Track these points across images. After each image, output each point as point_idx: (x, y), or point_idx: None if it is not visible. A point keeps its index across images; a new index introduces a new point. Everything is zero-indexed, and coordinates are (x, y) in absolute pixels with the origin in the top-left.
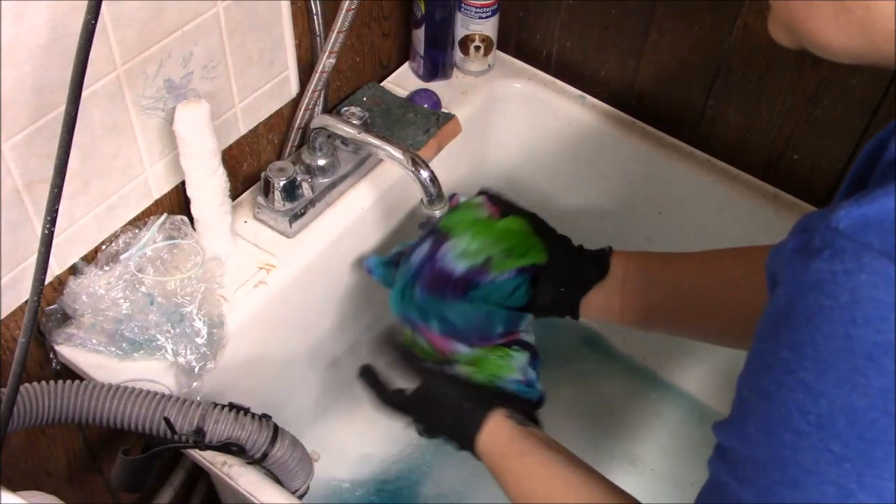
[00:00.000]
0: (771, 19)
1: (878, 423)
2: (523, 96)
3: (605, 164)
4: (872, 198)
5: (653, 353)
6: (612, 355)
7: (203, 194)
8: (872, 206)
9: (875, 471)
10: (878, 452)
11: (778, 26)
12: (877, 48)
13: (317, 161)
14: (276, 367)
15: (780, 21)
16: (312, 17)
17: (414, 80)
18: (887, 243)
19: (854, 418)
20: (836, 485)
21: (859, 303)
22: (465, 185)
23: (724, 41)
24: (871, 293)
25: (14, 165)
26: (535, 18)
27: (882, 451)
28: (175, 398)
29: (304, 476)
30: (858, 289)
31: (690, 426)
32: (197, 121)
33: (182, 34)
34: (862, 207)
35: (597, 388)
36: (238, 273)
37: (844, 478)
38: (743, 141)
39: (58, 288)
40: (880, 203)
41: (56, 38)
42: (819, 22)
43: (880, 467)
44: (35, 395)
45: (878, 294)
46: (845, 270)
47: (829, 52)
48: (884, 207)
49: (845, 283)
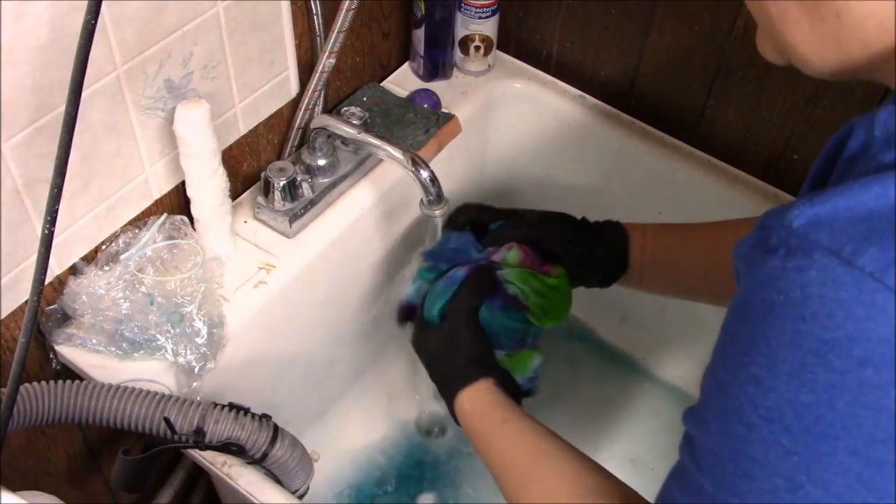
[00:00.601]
0: (758, 36)
1: (824, 419)
2: (523, 96)
3: (605, 164)
4: (826, 197)
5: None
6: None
7: (203, 194)
8: (825, 205)
9: (822, 465)
10: (825, 447)
11: (766, 43)
12: (853, 59)
13: (317, 161)
14: (276, 367)
15: (766, 37)
16: (312, 17)
17: (414, 80)
18: (837, 242)
19: (801, 413)
20: (786, 477)
21: (808, 300)
22: (465, 184)
23: (724, 41)
24: (819, 291)
25: (14, 165)
26: (535, 18)
27: (828, 445)
28: (175, 398)
29: (304, 476)
30: (808, 286)
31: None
32: (197, 121)
33: (182, 34)
34: (815, 207)
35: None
36: (238, 273)
37: (793, 470)
38: (743, 141)
39: (58, 288)
40: (833, 202)
41: (56, 38)
42: (796, 34)
43: (827, 461)
44: (35, 395)
45: (825, 292)
46: (797, 267)
47: (810, 66)
48: (836, 207)
49: (795, 280)
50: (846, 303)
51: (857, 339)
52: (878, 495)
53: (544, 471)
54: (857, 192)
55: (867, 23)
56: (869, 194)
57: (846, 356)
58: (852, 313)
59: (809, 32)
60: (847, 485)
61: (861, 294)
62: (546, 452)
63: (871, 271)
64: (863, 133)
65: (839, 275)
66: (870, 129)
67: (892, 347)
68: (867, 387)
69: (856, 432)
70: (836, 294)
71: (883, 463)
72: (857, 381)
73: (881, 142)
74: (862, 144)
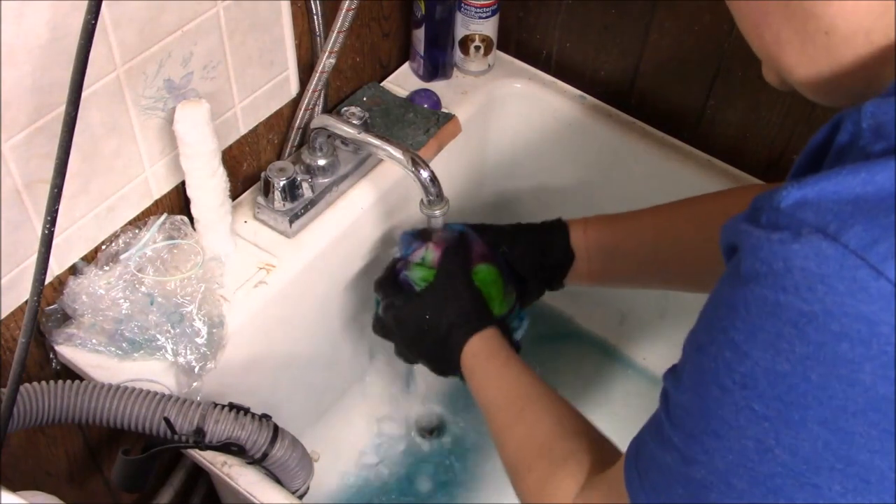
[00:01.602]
0: (763, 66)
1: (797, 389)
2: (523, 96)
3: (605, 164)
4: (814, 180)
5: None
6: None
7: (203, 194)
8: (813, 187)
9: (792, 431)
10: (795, 415)
11: (769, 72)
12: (846, 78)
13: (317, 161)
14: (276, 367)
15: (770, 66)
16: (312, 17)
17: (414, 80)
18: (822, 220)
19: (775, 381)
20: (755, 440)
21: (790, 272)
22: (465, 184)
23: (724, 41)
24: (802, 263)
25: (14, 165)
26: (535, 18)
27: (799, 414)
28: (175, 398)
29: (304, 476)
30: (791, 258)
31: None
32: (197, 121)
33: (182, 34)
34: (803, 189)
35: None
36: (238, 273)
37: (763, 434)
38: (743, 141)
39: (58, 288)
40: (821, 185)
41: (56, 38)
42: (791, 56)
43: (796, 428)
44: (35, 395)
45: (808, 265)
46: (781, 240)
47: (809, 89)
48: (823, 189)
49: (779, 252)
50: (827, 277)
51: (835, 313)
52: (844, 463)
53: (527, 412)
54: (844, 177)
55: (855, 37)
56: (856, 179)
57: (823, 329)
58: (833, 288)
59: (802, 51)
60: (815, 451)
61: (842, 269)
62: (532, 395)
63: (854, 248)
64: (851, 125)
65: (822, 249)
66: (857, 122)
67: (869, 325)
68: (842, 360)
69: (827, 403)
70: (818, 268)
71: (851, 433)
72: (832, 355)
73: (869, 133)
74: (850, 136)
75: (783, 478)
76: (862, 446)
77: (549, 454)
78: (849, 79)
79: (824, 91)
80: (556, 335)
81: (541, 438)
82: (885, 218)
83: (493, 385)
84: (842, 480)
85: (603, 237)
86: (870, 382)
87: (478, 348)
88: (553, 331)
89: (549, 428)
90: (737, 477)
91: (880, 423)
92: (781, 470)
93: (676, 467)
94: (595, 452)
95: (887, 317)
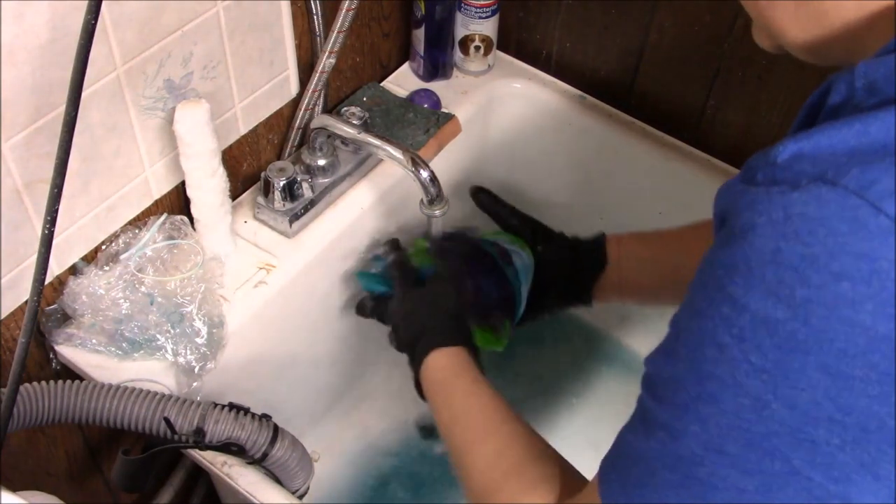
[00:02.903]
0: (754, 29)
1: (796, 335)
2: (523, 96)
3: (605, 164)
4: (809, 135)
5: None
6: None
7: (203, 194)
8: (809, 141)
9: (790, 381)
10: (795, 363)
11: (760, 33)
12: (837, 42)
13: (317, 161)
14: (276, 367)
15: (760, 27)
16: (312, 17)
17: (414, 80)
18: (820, 170)
19: (775, 329)
20: (752, 397)
21: (790, 218)
22: (464, 184)
23: (724, 41)
24: (802, 209)
25: (14, 165)
26: (535, 18)
27: (798, 361)
28: (175, 398)
29: (304, 476)
30: (790, 205)
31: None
32: (197, 121)
33: (182, 34)
34: (799, 143)
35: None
36: (238, 273)
37: (760, 388)
38: (743, 141)
39: (58, 288)
40: (815, 139)
41: (56, 38)
42: (784, 19)
43: (795, 378)
44: (35, 395)
45: (807, 210)
46: (780, 192)
47: (800, 51)
48: (819, 143)
49: (778, 202)
50: (827, 219)
51: (836, 253)
52: (844, 412)
53: (495, 433)
54: (839, 130)
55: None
56: (851, 131)
57: (824, 270)
58: (833, 228)
59: (795, 17)
60: (814, 401)
61: (843, 210)
62: (506, 416)
63: (854, 188)
64: (844, 86)
65: (822, 193)
66: (851, 83)
67: (869, 262)
68: (842, 300)
69: (828, 347)
70: (817, 211)
71: (851, 378)
72: (833, 295)
73: (863, 91)
74: (844, 97)
75: (779, 436)
76: (861, 392)
77: (520, 476)
78: (840, 41)
79: (816, 53)
80: (557, 334)
81: (512, 459)
82: (881, 162)
83: (459, 402)
84: (840, 432)
85: (635, 249)
86: (870, 322)
87: (446, 362)
88: (553, 329)
89: (520, 450)
90: (731, 441)
91: (879, 365)
92: (778, 427)
93: (661, 448)
94: (565, 477)
95: (887, 252)
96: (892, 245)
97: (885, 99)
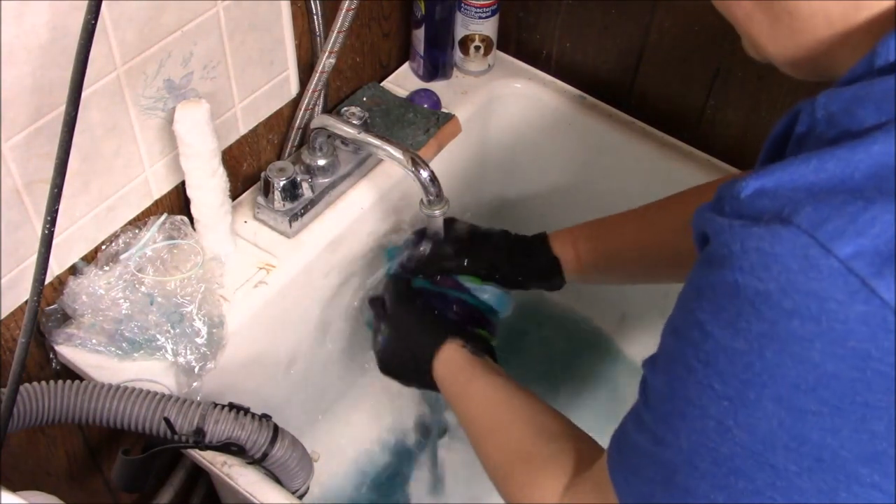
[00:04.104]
0: (742, 39)
1: (753, 367)
2: (523, 96)
3: (605, 164)
4: (769, 171)
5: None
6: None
7: (203, 194)
8: (769, 177)
9: (748, 410)
10: (752, 394)
11: (747, 43)
12: (813, 58)
13: (317, 161)
14: (276, 367)
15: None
16: (312, 17)
17: (414, 80)
18: (778, 206)
19: (734, 359)
20: (716, 420)
21: (746, 252)
22: (464, 184)
23: (724, 41)
24: (757, 244)
25: (14, 165)
26: (535, 18)
27: (755, 392)
28: (175, 398)
29: (304, 476)
30: (747, 240)
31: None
32: (197, 121)
33: (182, 34)
34: (760, 179)
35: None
36: (238, 273)
37: (723, 414)
38: (743, 141)
39: (58, 288)
40: (776, 175)
41: (56, 38)
42: (761, 34)
43: (752, 407)
44: (35, 395)
45: (763, 245)
46: (742, 225)
47: (782, 65)
48: (779, 179)
49: (738, 235)
50: (781, 256)
51: (787, 291)
52: (798, 441)
53: (503, 421)
54: (797, 166)
55: (815, 19)
56: (808, 167)
57: (777, 307)
58: (786, 266)
59: (770, 31)
60: (770, 429)
61: (794, 248)
62: (505, 403)
63: (806, 227)
64: (807, 117)
65: (777, 230)
66: (812, 113)
67: (818, 301)
68: (793, 338)
69: (781, 381)
70: (771, 248)
71: (804, 412)
72: (785, 332)
73: (823, 123)
74: (807, 127)
75: (742, 458)
76: (814, 425)
77: (529, 459)
78: (816, 58)
79: (797, 68)
80: (556, 333)
81: (518, 445)
82: (835, 199)
83: (462, 401)
84: (797, 460)
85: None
86: (819, 359)
87: (443, 370)
88: (553, 328)
89: (526, 434)
90: (699, 457)
91: (830, 401)
92: (740, 450)
93: (649, 448)
94: (577, 452)
95: (836, 293)
96: (841, 286)
97: (842, 131)
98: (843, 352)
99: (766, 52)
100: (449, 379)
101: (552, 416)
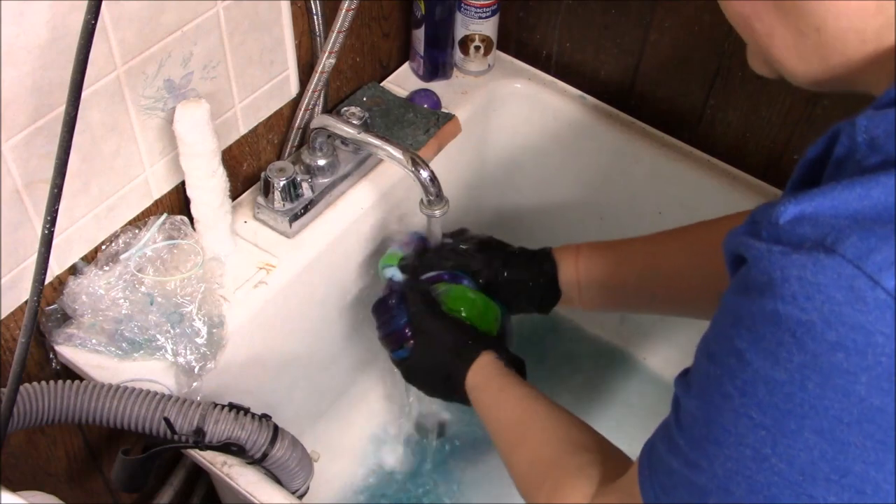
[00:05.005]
0: (749, 52)
1: (794, 398)
2: (523, 96)
3: (605, 164)
4: (810, 196)
5: (650, 352)
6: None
7: (203, 194)
8: (810, 203)
9: (787, 440)
10: (792, 424)
11: (756, 60)
12: (836, 69)
13: (317, 161)
14: (276, 367)
15: (756, 54)
16: (312, 17)
17: (414, 80)
18: (820, 233)
19: (773, 390)
20: (753, 448)
21: (787, 281)
22: (464, 185)
23: (724, 41)
24: (799, 273)
25: (14, 165)
26: (535, 18)
27: (795, 423)
28: (175, 398)
29: (304, 476)
30: (788, 268)
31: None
32: (197, 121)
33: (182, 34)
34: (800, 204)
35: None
36: (238, 273)
37: (760, 442)
38: (743, 141)
39: (58, 288)
40: (817, 201)
41: (56, 38)
42: (783, 50)
43: (792, 437)
44: (35, 395)
45: (805, 274)
46: (781, 251)
47: (799, 80)
48: (820, 205)
49: (777, 262)
50: (824, 286)
51: (832, 322)
52: (840, 473)
53: (532, 431)
54: (840, 192)
55: (846, 36)
56: (852, 194)
57: (820, 339)
58: (830, 297)
59: (794, 47)
60: (811, 461)
61: (839, 279)
62: (535, 414)
63: (851, 258)
64: (847, 140)
65: (819, 259)
66: (853, 136)
67: (865, 334)
68: (837, 370)
69: (823, 413)
70: (814, 277)
71: (847, 444)
72: (829, 365)
73: (865, 147)
74: (847, 150)
75: (779, 487)
76: (857, 457)
77: (557, 471)
78: (842, 75)
79: (817, 84)
80: (557, 335)
81: (547, 457)
82: (882, 229)
83: (492, 413)
84: (837, 492)
85: (594, 269)
86: (865, 393)
87: (474, 381)
88: (553, 331)
89: (555, 446)
90: (735, 484)
91: (875, 435)
92: (778, 479)
93: (681, 471)
94: (604, 464)
95: (883, 327)
96: (889, 320)
97: (887, 158)
98: (890, 385)
99: (786, 68)
100: (481, 386)
101: (583, 429)
